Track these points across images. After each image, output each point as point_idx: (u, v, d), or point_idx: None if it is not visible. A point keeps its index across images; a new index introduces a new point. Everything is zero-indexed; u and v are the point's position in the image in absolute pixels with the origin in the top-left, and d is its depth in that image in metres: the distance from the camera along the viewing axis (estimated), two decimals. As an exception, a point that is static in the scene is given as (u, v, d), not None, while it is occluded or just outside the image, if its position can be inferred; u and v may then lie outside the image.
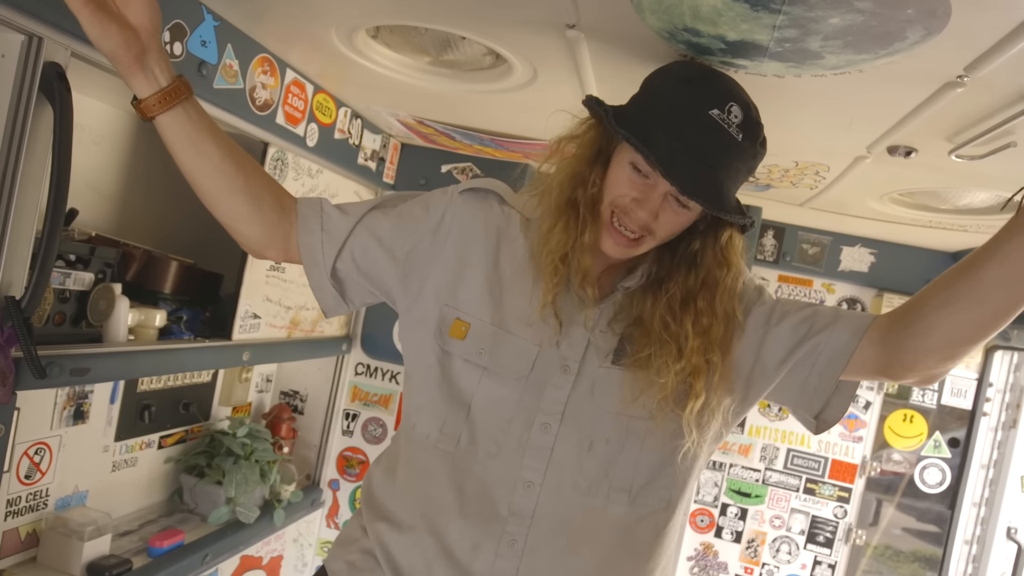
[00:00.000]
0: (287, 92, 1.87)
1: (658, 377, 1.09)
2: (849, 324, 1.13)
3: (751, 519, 2.79)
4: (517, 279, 1.15)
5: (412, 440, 1.17)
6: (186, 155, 1.09)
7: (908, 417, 2.71)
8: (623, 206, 1.07)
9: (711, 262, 1.14)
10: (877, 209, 2.16)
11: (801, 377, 1.15)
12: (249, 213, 1.14)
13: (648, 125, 1.05)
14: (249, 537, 2.15)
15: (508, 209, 1.20)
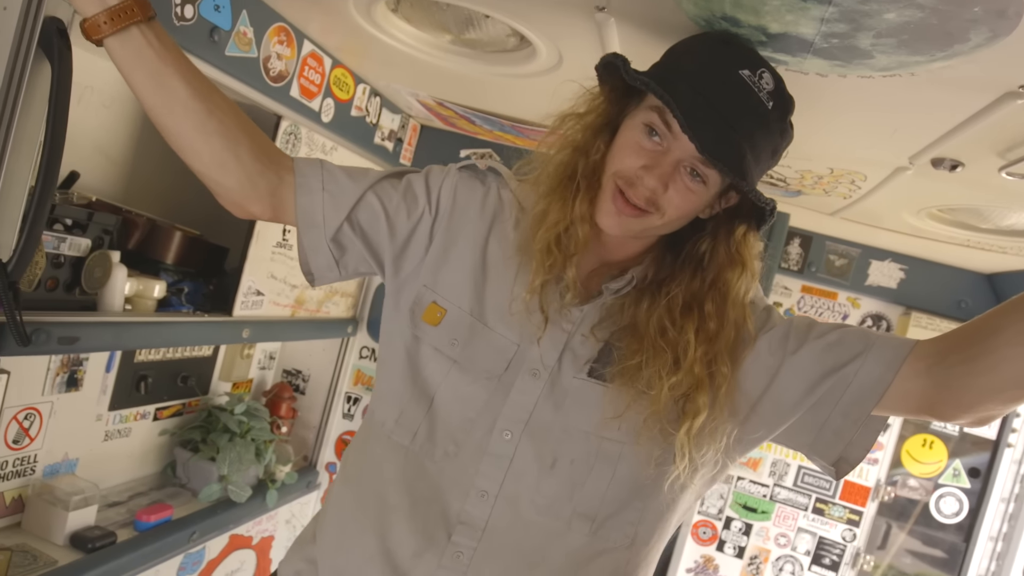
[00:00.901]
0: (303, 64, 1.80)
1: (648, 389, 0.96)
2: (883, 353, 0.96)
3: (755, 535, 2.71)
4: (501, 270, 1.05)
5: (371, 426, 1.09)
6: (144, 88, 0.96)
7: (928, 443, 2.61)
8: (629, 176, 0.96)
9: (722, 261, 1.02)
10: (912, 224, 2.05)
11: (820, 417, 0.99)
12: (224, 159, 1.00)
13: (670, 78, 0.94)
14: (240, 516, 2.11)
15: (507, 194, 1.10)
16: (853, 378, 0.97)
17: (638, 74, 0.95)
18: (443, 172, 1.11)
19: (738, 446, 1.03)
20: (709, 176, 0.96)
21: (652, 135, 0.96)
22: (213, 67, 1.51)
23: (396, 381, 1.06)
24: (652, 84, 0.92)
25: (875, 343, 0.98)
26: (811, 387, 0.99)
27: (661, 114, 0.94)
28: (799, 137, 1.57)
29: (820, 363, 0.99)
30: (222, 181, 1.03)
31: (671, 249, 1.06)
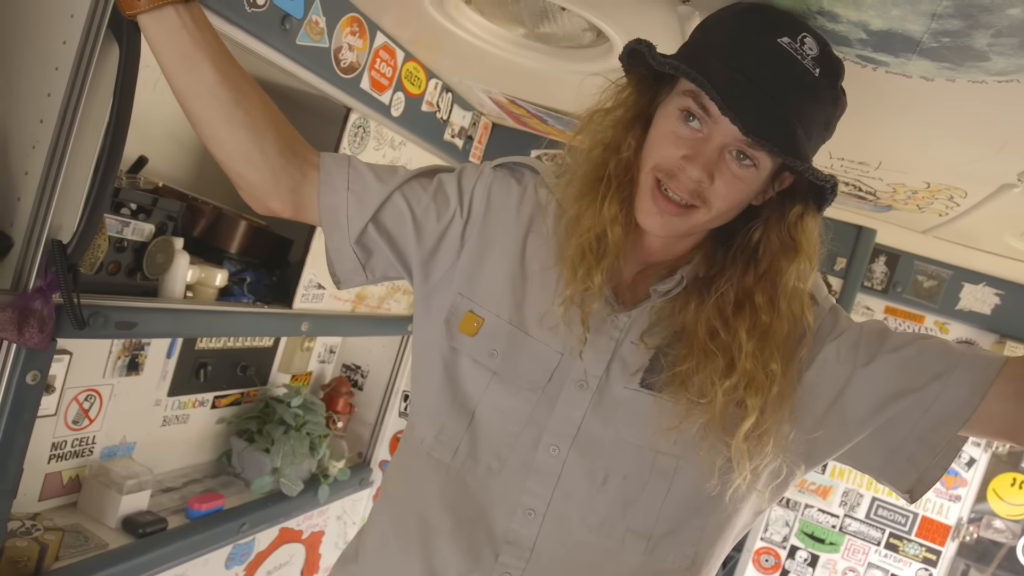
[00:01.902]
0: (375, 56, 1.78)
1: (700, 398, 0.89)
2: (968, 375, 0.88)
3: (821, 567, 2.56)
4: (544, 275, 0.98)
5: (409, 443, 1.04)
6: (174, 70, 0.93)
7: (1018, 482, 2.41)
8: (669, 168, 0.88)
9: (775, 248, 0.93)
10: (1014, 246, 1.89)
11: (893, 441, 0.92)
12: (247, 151, 0.97)
13: (701, 57, 0.86)
14: (291, 510, 2.10)
15: (546, 193, 1.02)
16: (933, 402, 0.89)
17: (665, 57, 0.86)
18: (476, 171, 1.06)
19: (802, 456, 0.95)
20: (759, 158, 0.87)
21: (690, 120, 0.88)
22: (284, 56, 1.50)
23: (434, 395, 1.01)
24: (681, 66, 0.83)
25: (959, 362, 0.90)
26: (882, 405, 0.91)
27: (696, 97, 0.86)
28: (895, 147, 1.46)
29: (894, 380, 0.91)
30: (244, 174, 1.01)
31: (723, 242, 0.98)
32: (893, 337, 0.95)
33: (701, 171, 0.87)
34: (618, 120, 0.96)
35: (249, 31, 1.39)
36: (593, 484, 0.94)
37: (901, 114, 1.24)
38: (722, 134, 0.86)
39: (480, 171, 1.05)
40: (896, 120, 1.28)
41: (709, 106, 0.86)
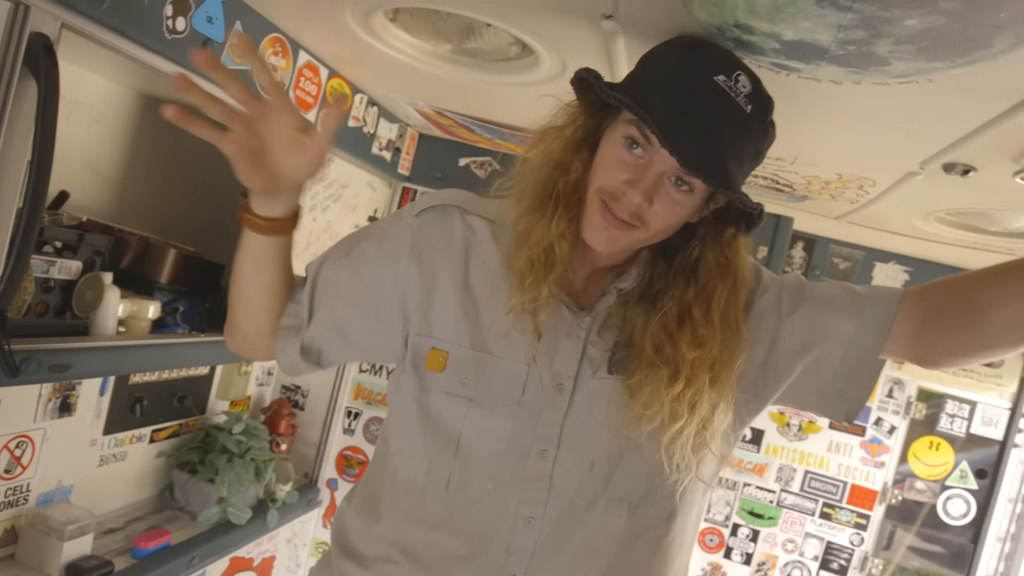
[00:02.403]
0: (299, 75, 1.76)
1: (646, 410, 0.97)
2: (875, 313, 1.02)
3: (763, 541, 2.68)
4: (492, 293, 1.03)
5: (396, 484, 1.06)
6: (251, 265, 1.03)
7: (934, 444, 2.58)
8: (613, 191, 0.95)
9: (711, 267, 1.01)
10: (920, 227, 2.03)
11: (822, 381, 1.05)
12: (265, 330, 1.09)
13: (644, 91, 0.93)
14: (240, 538, 2.06)
15: (472, 218, 1.07)
16: (850, 342, 1.02)
17: (611, 90, 0.92)
18: (400, 222, 1.08)
19: (751, 409, 1.06)
20: (694, 184, 0.94)
21: (633, 148, 0.94)
22: (207, 81, 1.47)
23: (416, 435, 1.04)
24: (626, 100, 0.90)
25: (866, 303, 1.03)
26: (807, 347, 1.04)
27: (640, 127, 0.92)
28: (808, 143, 1.55)
29: (816, 325, 1.04)
30: (253, 342, 1.11)
31: (664, 255, 1.05)
32: (810, 287, 1.08)
33: (642, 196, 0.93)
34: (568, 141, 1.01)
35: (170, 58, 1.36)
36: (582, 473, 1.00)
37: (813, 114, 1.32)
38: (661, 162, 0.93)
39: (404, 222, 1.08)
40: (809, 119, 1.36)
41: (651, 136, 0.92)
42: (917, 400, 2.59)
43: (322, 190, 2.09)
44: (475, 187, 1.12)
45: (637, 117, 0.89)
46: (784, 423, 2.66)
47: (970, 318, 0.96)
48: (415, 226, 1.06)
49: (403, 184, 2.62)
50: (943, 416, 2.57)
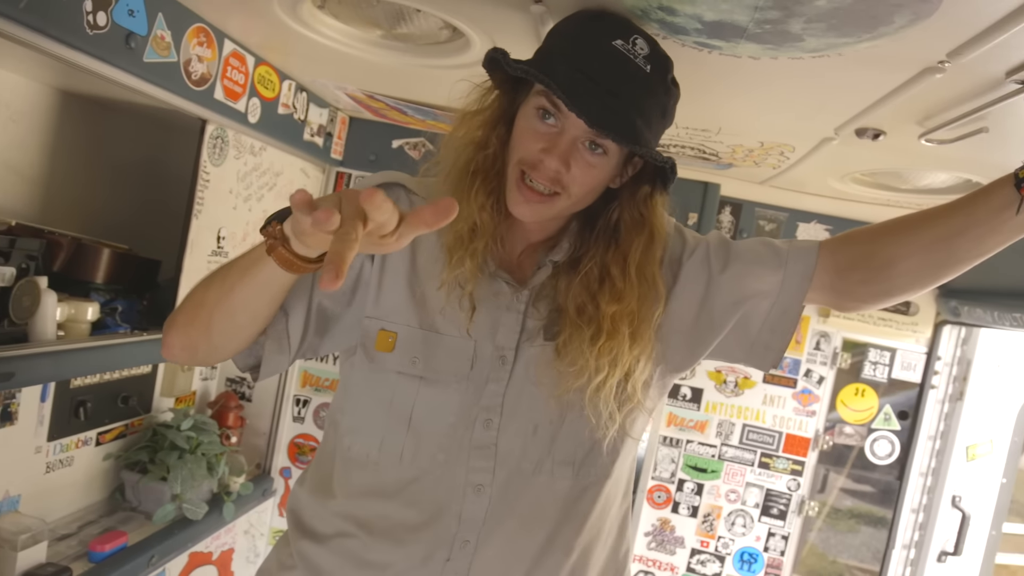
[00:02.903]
0: (226, 65, 1.74)
1: (571, 367, 1.02)
2: (798, 265, 1.09)
3: (707, 494, 2.81)
4: (435, 273, 1.05)
5: (349, 461, 1.08)
6: (258, 296, 0.93)
7: (860, 391, 2.75)
8: (531, 161, 0.99)
9: (629, 225, 1.06)
10: (837, 188, 2.14)
11: (751, 333, 1.12)
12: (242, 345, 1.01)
13: (548, 61, 0.98)
14: (198, 533, 2.06)
15: (415, 199, 1.09)
16: (776, 296, 1.10)
17: (517, 63, 0.96)
18: None
19: (680, 364, 1.13)
20: (607, 146, 0.98)
21: (546, 118, 0.98)
22: (132, 75, 1.44)
23: (369, 414, 1.07)
24: (530, 70, 0.94)
25: (789, 257, 1.10)
26: (738, 303, 1.10)
27: (548, 96, 0.96)
28: (731, 115, 1.62)
29: (745, 282, 1.10)
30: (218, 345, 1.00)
31: (588, 223, 1.09)
32: (734, 245, 1.14)
33: (559, 162, 0.97)
34: (485, 120, 1.04)
35: (93, 54, 1.33)
36: (526, 438, 1.05)
37: (735, 88, 1.38)
38: (573, 127, 0.97)
39: None
40: (731, 93, 1.43)
41: (560, 104, 0.95)
42: (842, 351, 2.75)
43: (256, 179, 2.06)
44: (410, 168, 1.14)
45: (542, 84, 0.93)
46: (721, 380, 2.79)
47: (880, 271, 1.04)
48: None
49: (337, 169, 2.60)
50: (867, 364, 2.74)
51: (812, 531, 2.82)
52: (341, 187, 2.60)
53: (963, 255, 0.98)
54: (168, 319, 0.99)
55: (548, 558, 1.06)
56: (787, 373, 2.76)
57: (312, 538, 1.09)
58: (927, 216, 1.01)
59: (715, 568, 2.80)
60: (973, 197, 0.97)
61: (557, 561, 1.07)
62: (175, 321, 0.98)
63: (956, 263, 1.00)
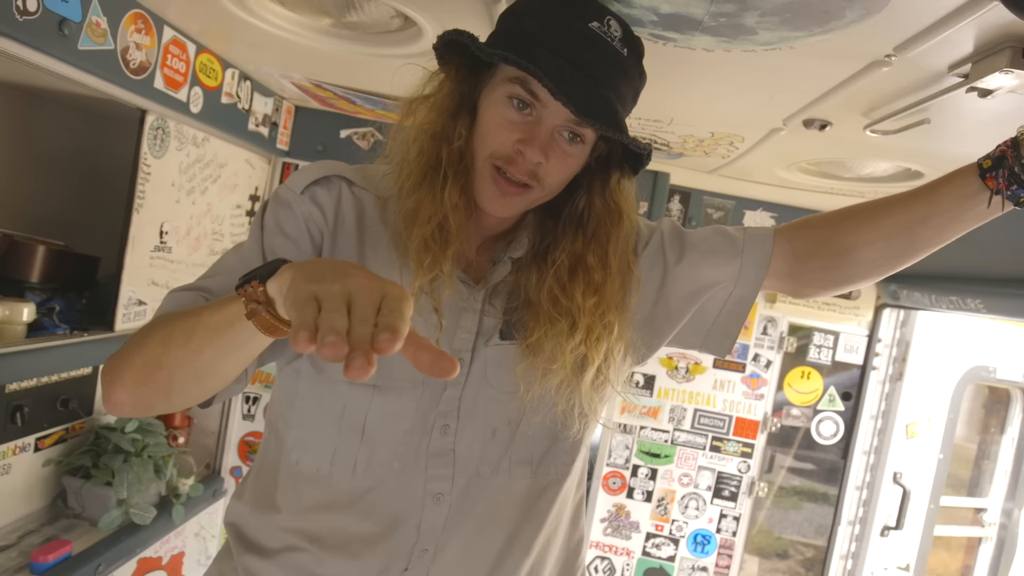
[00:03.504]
0: (165, 53, 1.67)
1: (551, 364, 0.97)
2: (753, 256, 1.08)
3: (661, 478, 2.86)
4: (385, 272, 0.95)
5: (296, 476, 1.00)
6: (222, 355, 0.81)
7: (805, 374, 2.83)
8: (507, 154, 0.92)
9: (600, 213, 1.01)
10: (783, 176, 2.19)
11: (708, 321, 1.11)
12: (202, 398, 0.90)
13: (524, 46, 0.89)
14: (146, 539, 1.99)
15: (360, 191, 1.00)
16: (734, 285, 1.08)
17: (492, 49, 0.89)
18: (287, 208, 0.97)
19: (641, 355, 1.10)
20: (586, 135, 0.95)
21: (521, 107, 0.92)
22: (66, 63, 1.37)
23: (318, 426, 0.99)
24: (512, 57, 0.87)
25: (745, 246, 1.09)
26: (696, 293, 1.09)
27: (524, 84, 0.90)
28: (684, 106, 1.63)
29: (702, 273, 1.08)
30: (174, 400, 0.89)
31: (551, 212, 1.05)
32: (688, 234, 1.12)
33: (539, 153, 0.91)
34: (444, 109, 0.96)
35: (23, 41, 1.26)
36: (485, 441, 1.01)
37: (688, 79, 1.39)
38: (552, 116, 0.91)
39: (290, 204, 0.96)
40: (684, 84, 1.43)
41: (538, 91, 0.90)
42: (788, 335, 2.82)
43: (199, 171, 2.00)
44: (358, 159, 1.07)
45: (528, 74, 0.86)
46: (673, 367, 2.83)
47: (839, 259, 1.05)
48: (304, 205, 0.97)
49: (283, 160, 2.54)
50: (811, 347, 2.82)
51: (762, 511, 2.89)
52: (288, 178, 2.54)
53: (924, 243, 1.00)
54: (111, 372, 0.86)
55: (508, 559, 1.03)
56: (736, 358, 2.82)
57: (258, 553, 1.02)
58: (887, 204, 1.02)
59: (670, 551, 2.85)
60: (935, 186, 0.98)
61: (516, 561, 1.04)
62: (122, 378, 0.84)
63: (916, 251, 1.01)
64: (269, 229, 0.96)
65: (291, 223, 0.96)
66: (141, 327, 0.87)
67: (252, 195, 2.39)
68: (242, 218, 2.33)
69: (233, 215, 2.25)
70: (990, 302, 1.87)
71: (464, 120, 0.96)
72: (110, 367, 0.86)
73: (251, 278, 0.72)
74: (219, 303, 0.78)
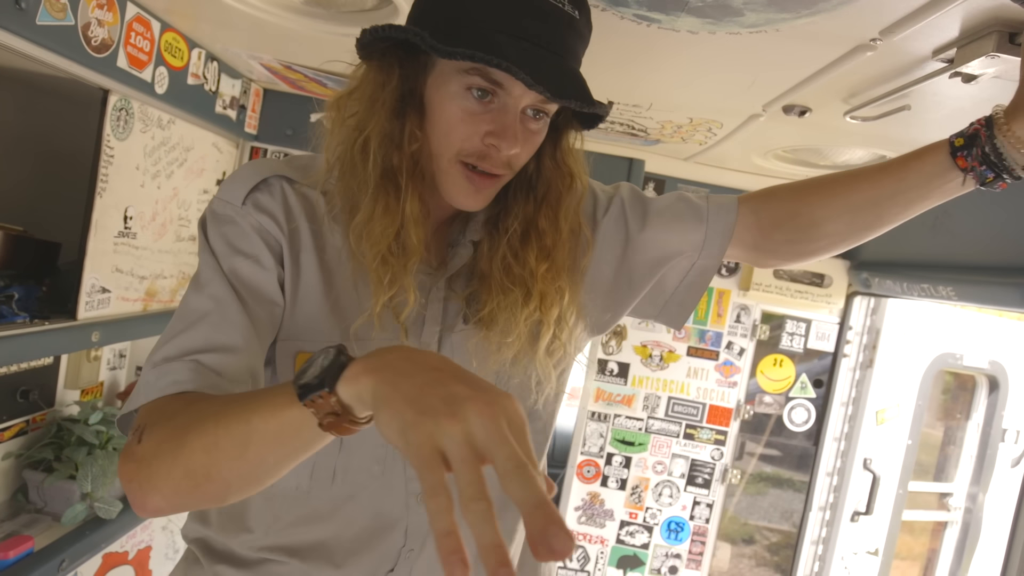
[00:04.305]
0: (129, 30, 1.61)
1: (506, 337, 0.93)
2: (717, 226, 1.06)
3: (635, 467, 2.87)
4: (349, 273, 0.92)
5: (272, 497, 0.94)
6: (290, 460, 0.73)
7: (778, 361, 2.85)
8: (478, 150, 0.87)
9: (551, 176, 0.97)
10: (759, 164, 2.19)
11: (667, 291, 1.10)
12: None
13: (480, 33, 0.82)
14: (112, 533, 1.93)
15: (304, 189, 0.93)
16: (697, 255, 1.07)
17: (453, 47, 0.81)
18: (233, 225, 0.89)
19: (603, 323, 1.09)
20: (549, 108, 0.90)
21: (481, 96, 0.86)
22: (22, 39, 1.31)
23: None
24: (479, 55, 0.80)
25: (709, 216, 1.07)
26: (659, 262, 1.08)
27: (484, 73, 0.84)
28: (665, 90, 1.62)
29: (666, 241, 1.07)
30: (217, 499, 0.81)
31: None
32: (651, 201, 1.10)
33: (514, 144, 0.86)
34: (386, 108, 0.87)
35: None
36: None
37: (669, 63, 1.37)
38: (518, 100, 0.86)
39: (237, 219, 0.89)
40: (665, 68, 1.41)
41: (499, 77, 0.84)
42: (761, 323, 2.83)
43: (164, 155, 1.93)
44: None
45: (500, 69, 0.80)
46: (647, 355, 2.83)
47: (807, 231, 1.05)
48: (250, 216, 0.89)
49: (251, 144, 2.48)
50: (784, 335, 2.83)
51: (734, 497, 2.92)
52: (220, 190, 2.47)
53: (890, 218, 1.00)
54: (138, 479, 0.75)
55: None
56: (709, 346, 2.83)
57: (232, 563, 0.97)
58: (855, 177, 1.02)
59: (644, 538, 2.86)
60: (904, 161, 0.98)
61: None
62: (157, 487, 0.74)
63: (882, 225, 1.02)
64: (221, 253, 0.88)
65: (243, 239, 0.88)
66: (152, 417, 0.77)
67: (220, 180, 2.32)
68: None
69: (200, 200, 2.19)
70: (961, 289, 1.89)
71: (413, 119, 0.88)
72: (135, 473, 0.75)
73: (315, 386, 0.63)
74: (270, 404, 0.68)
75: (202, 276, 0.87)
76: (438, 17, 0.86)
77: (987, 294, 1.79)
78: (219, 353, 0.82)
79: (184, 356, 0.81)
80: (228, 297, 0.85)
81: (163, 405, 0.78)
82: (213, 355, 0.81)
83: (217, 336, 0.82)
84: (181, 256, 2.11)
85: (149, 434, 0.75)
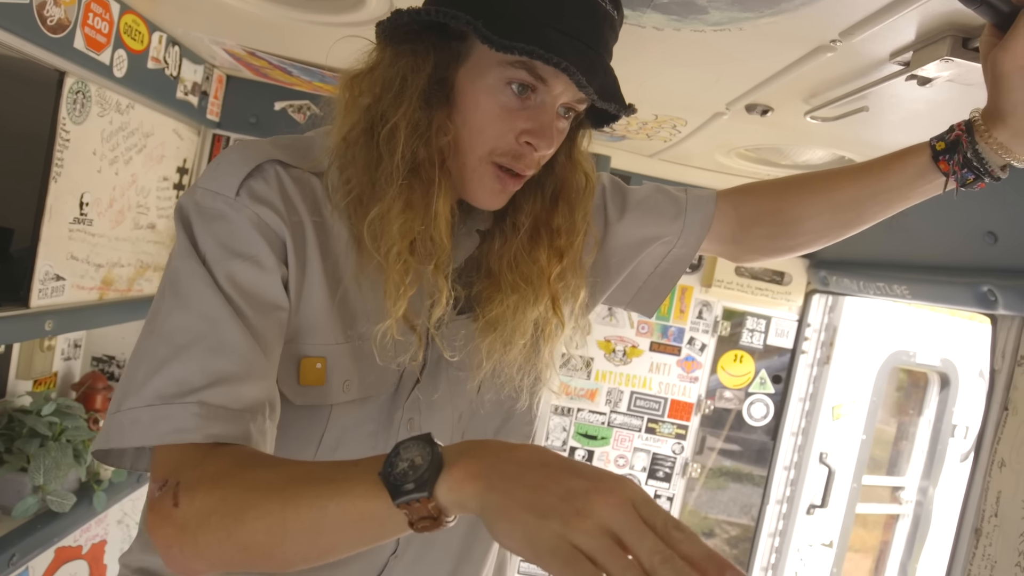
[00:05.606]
0: (87, 11, 1.56)
1: (513, 337, 0.91)
2: (695, 217, 1.07)
3: (598, 460, 2.89)
4: (353, 267, 0.86)
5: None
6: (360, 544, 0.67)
7: (738, 357, 2.89)
8: (513, 150, 0.83)
9: (567, 174, 0.95)
10: (722, 162, 2.22)
11: (641, 278, 1.11)
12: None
13: (531, 26, 0.77)
14: (65, 527, 1.89)
15: (298, 173, 0.84)
16: (673, 245, 1.09)
17: (512, 42, 0.75)
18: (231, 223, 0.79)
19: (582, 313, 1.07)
20: (580, 107, 0.88)
21: (521, 92, 0.81)
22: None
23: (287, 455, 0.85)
24: (538, 51, 0.75)
25: (687, 208, 1.09)
26: (635, 251, 1.09)
27: (530, 68, 0.79)
28: (631, 86, 1.62)
29: (643, 231, 1.08)
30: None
31: None
32: (630, 191, 1.11)
33: (552, 144, 0.84)
34: (417, 94, 0.81)
35: (-76, -10, 1.15)
36: (452, 426, 0.96)
37: (637, 59, 1.38)
38: (556, 97, 0.82)
39: (234, 215, 0.79)
40: (632, 64, 1.42)
41: (545, 74, 0.80)
42: (723, 319, 2.88)
43: (123, 140, 1.89)
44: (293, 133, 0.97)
45: (559, 69, 0.75)
46: (610, 350, 2.85)
47: (787, 228, 1.07)
48: (246, 208, 0.79)
49: (213, 131, 2.43)
50: (744, 331, 2.88)
51: (694, 492, 2.96)
52: (220, 150, 2.43)
53: (870, 217, 1.03)
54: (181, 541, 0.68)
55: (476, 544, 1.00)
56: (672, 341, 2.86)
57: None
58: (838, 177, 1.05)
59: (605, 531, 2.89)
60: (886, 163, 0.99)
61: (483, 552, 1.01)
62: (202, 556, 0.68)
63: (861, 223, 1.04)
64: (213, 258, 0.77)
65: (238, 237, 0.78)
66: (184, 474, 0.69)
67: (180, 167, 2.28)
68: (169, 191, 2.22)
69: (160, 188, 2.15)
70: (915, 288, 1.94)
71: (443, 110, 0.82)
72: (175, 539, 0.68)
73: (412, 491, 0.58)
74: (349, 494, 0.62)
75: (185, 287, 0.76)
76: (480, 5, 0.79)
77: (940, 293, 1.85)
78: (223, 386, 0.72)
79: (184, 396, 0.71)
80: (224, 314, 0.75)
81: (191, 458, 0.70)
82: (217, 390, 0.72)
83: (217, 364, 0.73)
84: (139, 244, 2.06)
85: (188, 497, 0.67)
